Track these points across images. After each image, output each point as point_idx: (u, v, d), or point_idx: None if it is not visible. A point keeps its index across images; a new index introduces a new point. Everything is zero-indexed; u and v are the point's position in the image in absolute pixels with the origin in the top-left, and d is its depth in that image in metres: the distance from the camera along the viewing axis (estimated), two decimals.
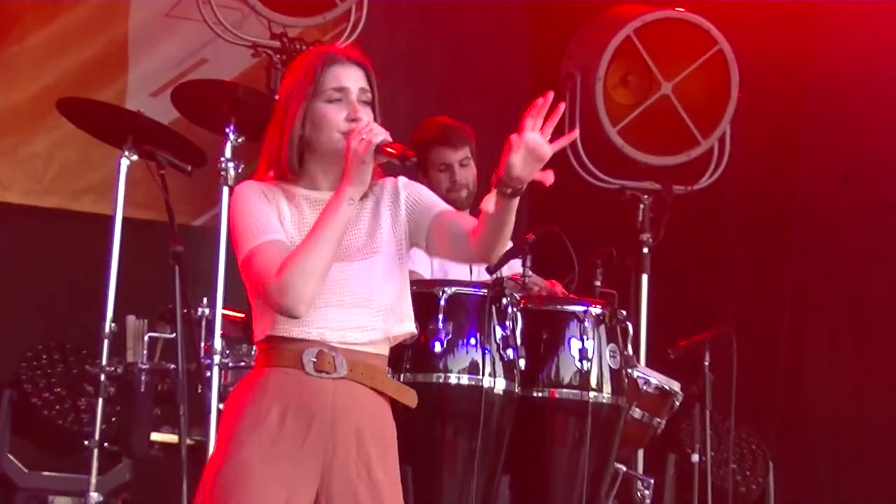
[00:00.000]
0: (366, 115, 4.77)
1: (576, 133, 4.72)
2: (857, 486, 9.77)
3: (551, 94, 4.61)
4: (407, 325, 4.86)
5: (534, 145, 4.54)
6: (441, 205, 4.93)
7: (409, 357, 6.13)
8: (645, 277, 8.82)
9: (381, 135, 4.67)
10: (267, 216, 4.73)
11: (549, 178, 4.60)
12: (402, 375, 6.50)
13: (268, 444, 4.68)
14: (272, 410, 4.70)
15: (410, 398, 4.91)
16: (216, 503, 4.68)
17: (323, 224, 4.66)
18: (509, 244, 6.20)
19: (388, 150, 4.65)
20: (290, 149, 4.80)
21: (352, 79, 4.81)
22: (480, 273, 7.12)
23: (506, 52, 9.83)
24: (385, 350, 4.85)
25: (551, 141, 4.57)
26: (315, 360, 4.72)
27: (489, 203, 4.65)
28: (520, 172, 4.56)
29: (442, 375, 6.61)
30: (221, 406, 6.70)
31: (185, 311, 6.71)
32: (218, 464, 4.72)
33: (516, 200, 4.65)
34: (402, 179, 4.91)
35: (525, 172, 4.57)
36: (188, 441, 6.58)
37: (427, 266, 7.06)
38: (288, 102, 4.81)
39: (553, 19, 9.73)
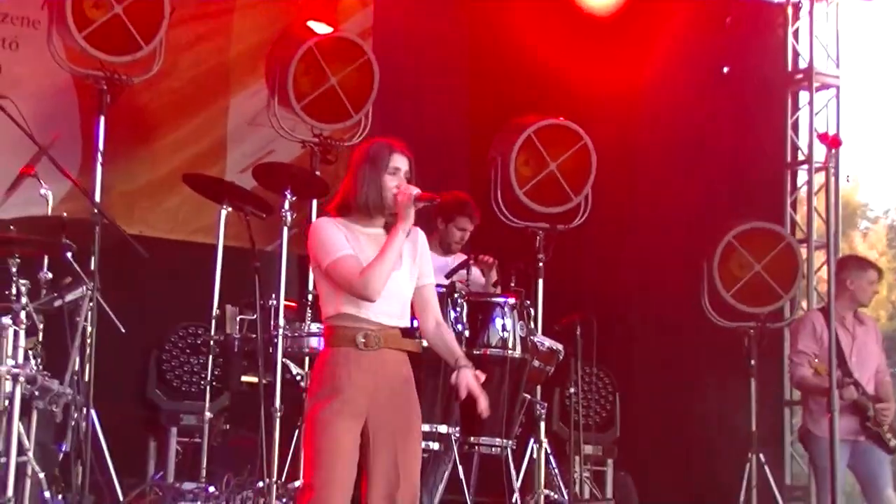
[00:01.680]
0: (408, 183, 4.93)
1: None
2: (675, 408, 9.82)
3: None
4: (408, 318, 5.00)
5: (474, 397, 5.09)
6: (426, 279, 5.04)
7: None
8: (540, 281, 8.75)
9: (415, 190, 4.85)
10: (341, 239, 4.85)
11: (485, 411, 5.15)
12: None
13: (341, 396, 4.80)
14: (341, 374, 4.81)
15: (418, 347, 5.06)
16: (317, 435, 4.78)
17: (389, 246, 4.82)
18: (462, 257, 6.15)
19: (421, 198, 4.85)
20: (358, 197, 4.92)
21: (403, 164, 4.96)
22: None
23: (451, 141, 9.75)
24: (401, 327, 4.95)
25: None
26: (363, 340, 4.83)
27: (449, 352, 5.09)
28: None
29: (418, 341, 6.54)
30: (285, 360, 6.75)
31: (261, 302, 6.70)
32: (314, 412, 4.82)
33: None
34: (422, 233, 5.08)
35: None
36: (264, 381, 6.54)
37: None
38: (362, 169, 4.94)
39: (484, 120, 9.66)
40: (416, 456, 4.94)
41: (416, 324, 5.12)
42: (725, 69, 10.54)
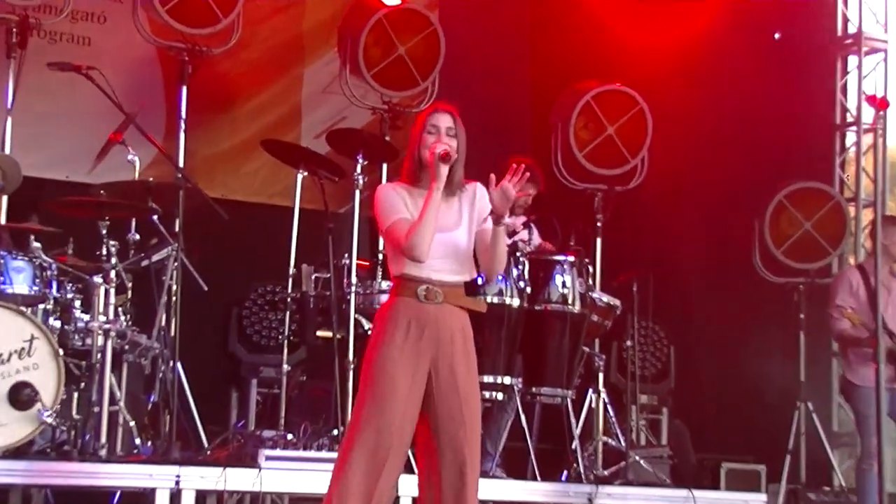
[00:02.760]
0: (450, 142, 4.80)
1: (533, 190, 4.88)
2: (727, 359, 9.77)
3: (524, 166, 4.70)
4: (472, 273, 4.87)
5: (505, 188, 4.67)
6: (486, 223, 4.87)
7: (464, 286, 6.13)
8: (599, 240, 8.71)
9: (440, 148, 4.74)
10: (397, 203, 4.78)
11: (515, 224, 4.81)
12: None
13: (401, 343, 4.72)
14: (402, 322, 4.73)
15: (481, 306, 4.96)
16: (374, 375, 4.71)
17: (425, 207, 4.71)
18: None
19: (442, 156, 4.72)
20: (411, 164, 4.87)
21: (442, 121, 4.85)
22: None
23: (514, 107, 9.68)
24: (463, 282, 4.86)
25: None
26: (425, 293, 4.74)
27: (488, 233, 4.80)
28: (497, 203, 4.69)
29: (483, 297, 6.52)
30: (358, 315, 6.75)
31: (335, 261, 6.74)
32: (374, 354, 4.76)
33: (501, 229, 4.76)
34: (480, 187, 4.91)
35: (500, 206, 4.71)
36: (337, 335, 6.60)
37: None
38: (412, 134, 4.90)
39: (545, 87, 9.58)
40: (478, 407, 4.85)
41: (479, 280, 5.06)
42: (777, 35, 10.47)
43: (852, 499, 8.41)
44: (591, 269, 7.33)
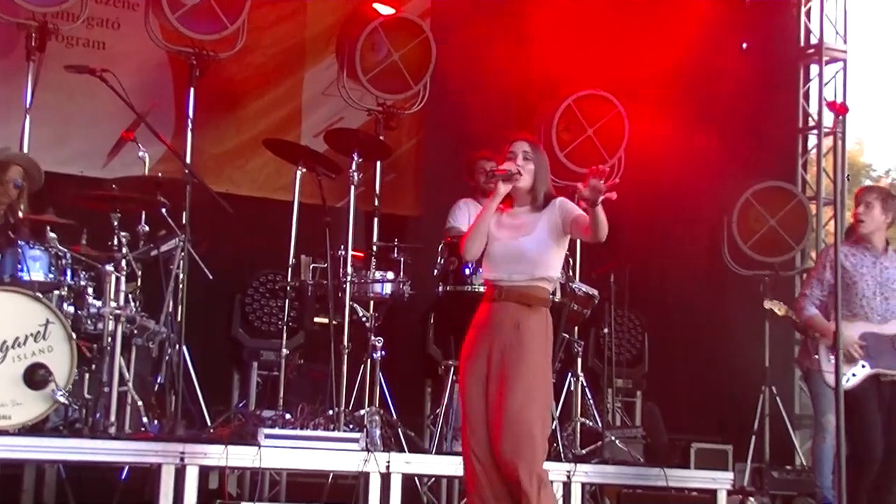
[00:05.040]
0: (526, 165, 5.10)
1: (614, 195, 4.88)
2: (697, 346, 9.74)
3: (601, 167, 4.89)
4: (542, 274, 5.04)
5: (594, 185, 4.79)
6: (576, 212, 5.03)
7: (453, 276, 6.05)
8: None
9: (504, 165, 5.09)
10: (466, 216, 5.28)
11: (612, 195, 4.84)
12: (449, 287, 6.45)
13: (470, 342, 5.01)
14: (474, 323, 5.04)
15: (538, 301, 5.07)
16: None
17: (479, 214, 5.09)
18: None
19: (500, 173, 5.06)
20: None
21: (519, 147, 5.14)
22: None
23: (499, 109, 9.48)
24: (527, 283, 4.98)
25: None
26: (492, 294, 5.00)
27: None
28: (588, 196, 4.82)
29: (471, 287, 6.47)
30: (352, 303, 6.68)
31: (332, 252, 6.64)
32: None
33: (596, 209, 4.89)
34: (560, 199, 5.13)
35: (592, 197, 4.83)
36: (334, 321, 6.51)
37: (466, 222, 6.86)
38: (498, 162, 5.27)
39: (529, 91, 9.50)
40: (522, 395, 4.86)
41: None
42: (744, 45, 10.47)
43: (812, 476, 8.36)
44: (571, 261, 7.25)
